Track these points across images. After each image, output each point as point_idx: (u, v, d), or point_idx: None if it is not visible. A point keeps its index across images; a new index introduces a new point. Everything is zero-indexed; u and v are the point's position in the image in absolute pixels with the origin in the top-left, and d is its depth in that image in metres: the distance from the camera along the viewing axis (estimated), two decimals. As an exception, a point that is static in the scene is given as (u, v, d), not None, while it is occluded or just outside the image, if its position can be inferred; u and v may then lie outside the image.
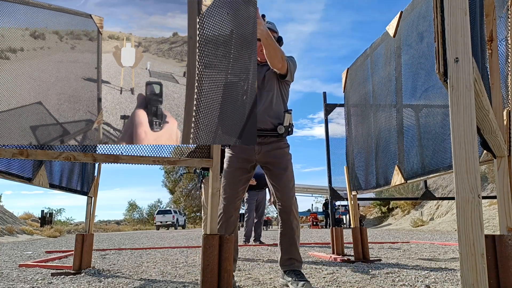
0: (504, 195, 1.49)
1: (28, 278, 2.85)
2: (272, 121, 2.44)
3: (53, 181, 2.75)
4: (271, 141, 2.46)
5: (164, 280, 2.73)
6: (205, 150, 2.15)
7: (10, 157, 1.81)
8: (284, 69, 2.42)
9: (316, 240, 7.81)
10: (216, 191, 2.09)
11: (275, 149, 2.46)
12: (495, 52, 1.54)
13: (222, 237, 1.93)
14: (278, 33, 2.62)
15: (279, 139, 2.47)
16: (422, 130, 2.43)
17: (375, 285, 2.37)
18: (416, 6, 2.51)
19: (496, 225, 9.88)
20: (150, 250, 5.72)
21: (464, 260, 0.81)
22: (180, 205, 40.37)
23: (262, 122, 2.42)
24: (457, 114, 0.85)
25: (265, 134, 2.44)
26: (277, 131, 2.43)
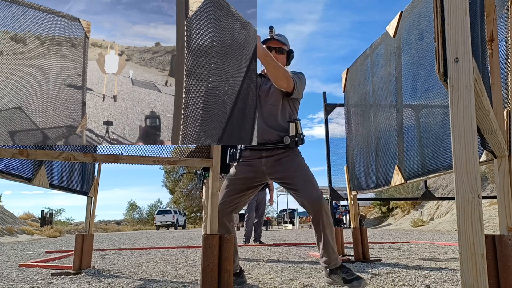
0: (504, 195, 1.49)
1: (28, 278, 2.85)
2: (278, 133, 2.37)
3: (53, 181, 2.75)
4: (278, 152, 2.38)
5: (164, 280, 2.73)
6: (205, 150, 2.15)
7: (10, 157, 1.81)
8: (290, 88, 2.34)
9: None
10: (216, 191, 2.09)
11: (282, 157, 2.37)
12: (495, 52, 1.54)
13: (222, 237, 1.93)
14: (288, 45, 2.54)
15: (286, 150, 2.38)
16: (422, 130, 2.43)
17: (375, 285, 2.37)
18: (416, 6, 2.51)
19: (496, 225, 9.88)
20: (150, 250, 5.72)
21: (464, 260, 0.81)
22: (180, 205, 40.37)
23: (267, 134, 2.36)
24: (457, 114, 0.85)
25: (272, 147, 2.37)
26: (283, 142, 2.36)
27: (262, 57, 2.19)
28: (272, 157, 2.37)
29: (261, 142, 2.36)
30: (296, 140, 2.37)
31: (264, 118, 2.40)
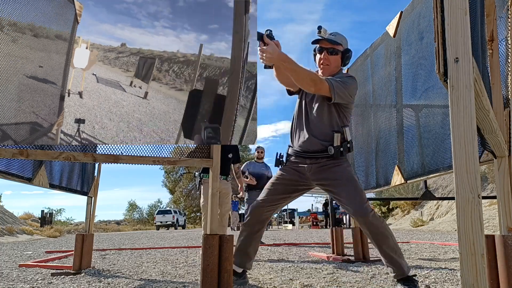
0: (504, 195, 1.49)
1: (28, 278, 2.85)
2: (321, 143, 2.27)
3: (53, 181, 2.75)
4: (323, 161, 2.28)
5: (164, 280, 2.73)
6: (205, 150, 2.15)
7: (10, 157, 1.81)
8: (323, 91, 2.17)
9: (316, 240, 7.81)
10: (216, 191, 2.09)
11: (326, 165, 2.27)
12: (495, 52, 1.54)
13: (222, 237, 1.93)
14: (343, 45, 2.33)
15: (331, 159, 2.27)
16: (422, 130, 2.43)
17: (375, 285, 2.37)
18: (416, 6, 2.51)
19: (496, 225, 9.87)
20: (150, 250, 5.72)
21: (464, 260, 0.81)
22: (180, 205, 40.37)
23: (311, 144, 2.28)
24: (457, 114, 0.85)
25: (315, 156, 2.28)
26: (327, 152, 2.25)
27: (279, 62, 2.06)
28: (315, 164, 2.29)
29: (305, 150, 2.30)
30: (341, 150, 2.25)
31: (309, 127, 2.31)
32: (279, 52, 2.05)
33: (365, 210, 2.14)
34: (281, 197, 2.35)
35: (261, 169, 6.85)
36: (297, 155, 2.35)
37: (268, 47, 2.04)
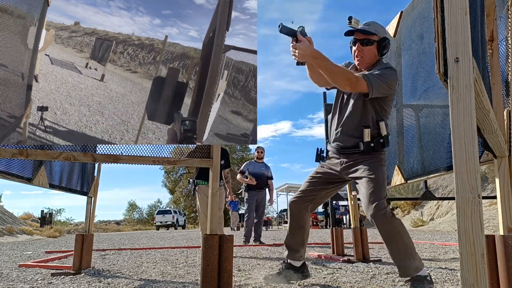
0: (504, 195, 1.49)
1: (28, 278, 2.85)
2: (354, 139, 2.25)
3: (53, 181, 2.75)
4: (354, 156, 2.27)
5: (164, 280, 2.73)
6: (205, 150, 2.15)
7: (10, 157, 1.81)
8: (360, 89, 2.09)
9: (316, 240, 7.81)
10: (216, 191, 2.09)
11: (357, 160, 2.26)
12: (496, 52, 1.54)
13: (222, 237, 1.93)
14: (378, 34, 2.22)
15: (363, 154, 2.24)
16: (422, 130, 2.43)
17: (375, 285, 2.37)
18: (416, 6, 2.51)
19: (496, 225, 9.87)
20: (150, 250, 5.72)
21: (464, 260, 0.81)
22: (180, 205, 40.39)
23: (344, 140, 2.28)
24: (457, 114, 0.85)
25: (347, 151, 2.28)
26: (359, 147, 2.23)
27: (312, 59, 1.99)
28: (347, 159, 2.30)
29: (339, 146, 2.31)
30: (372, 146, 2.20)
31: (342, 122, 2.29)
32: (312, 49, 2.00)
33: (373, 210, 2.09)
34: (318, 188, 2.37)
35: (261, 169, 6.85)
36: (333, 151, 2.37)
37: (301, 43, 2.00)
